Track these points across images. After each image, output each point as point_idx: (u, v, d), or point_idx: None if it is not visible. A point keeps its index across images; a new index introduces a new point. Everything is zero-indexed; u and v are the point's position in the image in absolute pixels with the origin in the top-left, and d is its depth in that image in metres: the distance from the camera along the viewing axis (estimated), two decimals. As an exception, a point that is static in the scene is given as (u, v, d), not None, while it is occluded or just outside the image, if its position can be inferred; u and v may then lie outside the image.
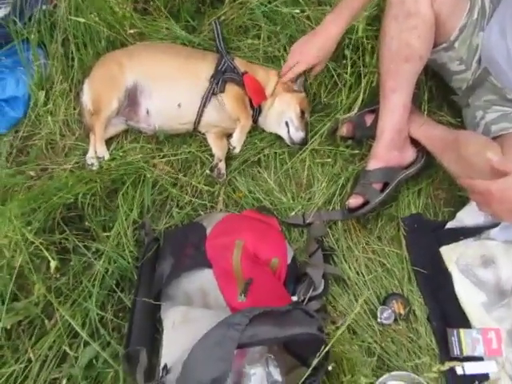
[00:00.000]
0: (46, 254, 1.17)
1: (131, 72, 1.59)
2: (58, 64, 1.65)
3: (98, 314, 1.29)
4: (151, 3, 1.73)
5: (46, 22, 1.60)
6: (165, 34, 1.71)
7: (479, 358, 1.37)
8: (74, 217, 1.45)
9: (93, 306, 1.28)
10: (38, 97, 1.62)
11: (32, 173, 1.52)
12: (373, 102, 1.61)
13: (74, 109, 1.66)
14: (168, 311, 1.21)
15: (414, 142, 1.56)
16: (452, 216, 1.55)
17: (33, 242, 1.22)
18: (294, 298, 1.33)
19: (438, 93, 1.72)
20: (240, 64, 1.65)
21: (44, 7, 1.59)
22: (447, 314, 1.41)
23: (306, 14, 1.71)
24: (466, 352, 1.34)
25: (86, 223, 1.41)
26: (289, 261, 1.38)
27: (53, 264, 1.14)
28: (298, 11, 1.69)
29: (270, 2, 1.71)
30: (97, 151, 1.56)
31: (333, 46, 1.54)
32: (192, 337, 0.99)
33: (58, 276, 1.29)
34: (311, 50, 1.56)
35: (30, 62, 1.61)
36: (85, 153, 1.58)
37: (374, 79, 1.59)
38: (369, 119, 1.63)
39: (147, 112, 1.60)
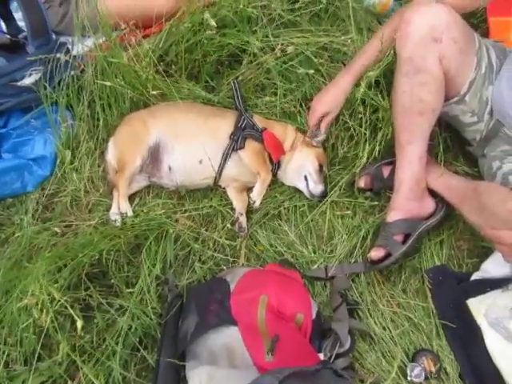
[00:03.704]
0: (73, 313, 1.17)
1: (154, 131, 1.64)
2: (85, 124, 1.71)
3: (121, 374, 1.27)
4: (172, 66, 1.81)
5: (73, 86, 1.67)
6: (186, 94, 1.77)
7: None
8: (98, 273, 1.46)
9: (116, 365, 1.26)
10: (65, 156, 1.67)
11: (57, 229, 1.54)
12: (389, 154, 1.63)
13: (99, 166, 1.71)
14: (193, 371, 1.18)
15: (433, 193, 1.57)
16: (477, 267, 1.53)
17: (59, 300, 1.22)
18: (321, 355, 1.29)
19: (453, 143, 1.74)
20: (258, 120, 1.71)
21: (72, 72, 1.67)
22: (480, 371, 1.36)
23: (320, 72, 1.79)
24: (504, 412, 1.28)
25: (110, 280, 1.41)
26: (313, 316, 1.35)
27: (79, 324, 1.13)
28: (312, 71, 1.76)
29: (285, 62, 1.79)
30: (120, 207, 1.59)
31: (342, 97, 1.63)
32: (220, 399, 0.96)
33: (82, 334, 1.28)
34: (324, 98, 1.66)
35: (57, 123, 1.68)
36: (108, 209, 1.61)
37: (389, 132, 1.62)
38: (386, 171, 1.65)
39: (169, 168, 1.64)
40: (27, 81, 1.59)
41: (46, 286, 1.22)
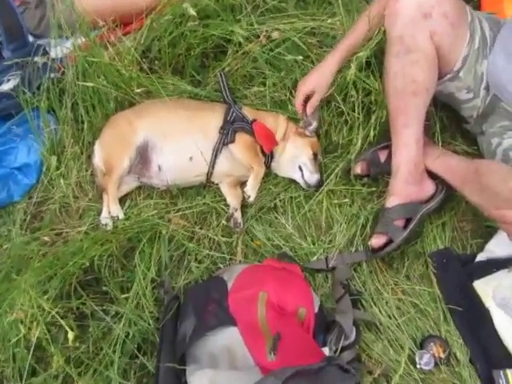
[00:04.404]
0: (63, 324, 1.13)
1: (141, 130, 1.60)
2: (69, 128, 1.66)
3: (120, 383, 1.23)
4: (156, 62, 1.76)
5: (54, 89, 1.62)
6: (171, 90, 1.72)
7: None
8: (91, 280, 1.42)
9: (115, 374, 1.23)
10: (50, 162, 1.63)
11: (47, 238, 1.50)
12: (385, 138, 1.58)
13: (86, 170, 1.66)
14: (194, 375, 1.14)
15: (432, 175, 1.52)
16: (481, 248, 1.49)
17: (50, 312, 1.18)
18: (326, 350, 1.25)
19: (449, 122, 1.69)
20: (248, 112, 1.66)
21: (52, 75, 1.62)
22: (491, 354, 1.32)
23: (309, 58, 1.74)
24: (518, 395, 1.24)
25: (104, 287, 1.37)
26: (316, 309, 1.31)
27: (71, 335, 1.09)
28: (301, 58, 1.70)
29: (271, 50, 1.74)
30: (111, 211, 1.55)
31: (327, 76, 1.57)
32: (222, 404, 0.92)
33: (78, 345, 1.24)
34: (308, 79, 1.61)
35: (40, 129, 1.63)
36: (99, 213, 1.57)
37: (383, 114, 1.57)
38: (382, 155, 1.61)
39: (159, 168, 1.59)
40: (5, 86, 1.55)
41: (35, 298, 1.17)
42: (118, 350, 1.26)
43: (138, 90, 1.67)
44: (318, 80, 1.58)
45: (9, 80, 1.55)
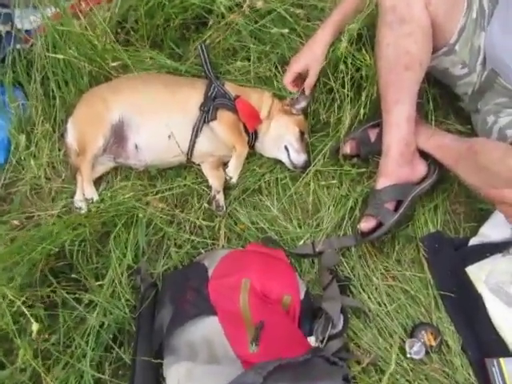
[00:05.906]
0: (28, 314, 1.04)
1: (116, 107, 1.51)
2: (39, 104, 1.57)
3: (93, 376, 1.16)
4: (133, 33, 1.66)
5: (21, 61, 1.53)
6: (150, 64, 1.63)
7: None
8: (64, 266, 1.34)
9: (87, 367, 1.15)
10: (19, 140, 1.53)
11: (16, 222, 1.41)
12: (375, 116, 1.51)
13: (59, 150, 1.57)
14: (171, 368, 1.08)
15: (424, 155, 1.46)
16: (474, 231, 1.44)
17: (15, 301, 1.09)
18: (312, 339, 1.20)
19: (442, 101, 1.63)
20: (231, 88, 1.57)
21: (18, 46, 1.52)
22: (483, 341, 1.28)
23: (295, 32, 1.65)
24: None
25: (76, 273, 1.29)
26: (302, 296, 1.26)
27: (35, 327, 1.01)
28: (287, 30, 1.62)
29: (256, 22, 1.64)
30: (85, 193, 1.46)
31: (320, 49, 1.51)
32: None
33: (47, 336, 1.16)
34: (300, 55, 1.56)
35: (6, 104, 1.52)
36: (72, 195, 1.48)
37: (374, 91, 1.50)
38: (373, 134, 1.54)
39: (136, 147, 1.50)
40: (-33, 58, 1.43)
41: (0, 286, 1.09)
42: (91, 340, 1.19)
43: (114, 64, 1.57)
44: (310, 58, 1.52)
45: (-30, 52, 1.43)
